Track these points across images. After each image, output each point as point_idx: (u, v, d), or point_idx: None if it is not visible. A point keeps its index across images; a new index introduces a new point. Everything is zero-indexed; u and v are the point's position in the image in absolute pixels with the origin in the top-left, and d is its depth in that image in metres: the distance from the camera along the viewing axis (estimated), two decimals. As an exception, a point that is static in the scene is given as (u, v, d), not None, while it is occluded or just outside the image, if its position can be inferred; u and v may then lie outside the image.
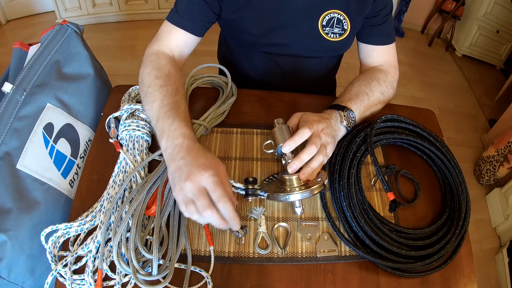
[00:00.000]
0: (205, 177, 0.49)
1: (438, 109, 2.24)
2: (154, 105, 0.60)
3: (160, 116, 0.59)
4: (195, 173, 0.49)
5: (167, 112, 0.59)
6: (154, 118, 0.60)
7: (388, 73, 0.78)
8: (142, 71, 0.67)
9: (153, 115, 0.60)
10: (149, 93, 0.62)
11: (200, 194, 0.49)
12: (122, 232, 0.53)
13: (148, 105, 0.62)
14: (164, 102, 0.60)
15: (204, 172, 0.49)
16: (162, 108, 0.59)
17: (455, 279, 0.59)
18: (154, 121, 0.60)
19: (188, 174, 0.50)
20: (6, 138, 0.60)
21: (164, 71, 0.65)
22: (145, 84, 0.64)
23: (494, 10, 2.34)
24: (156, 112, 0.59)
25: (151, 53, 0.70)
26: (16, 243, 0.55)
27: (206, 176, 0.49)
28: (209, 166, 0.50)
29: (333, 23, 0.74)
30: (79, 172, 0.70)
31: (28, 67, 0.67)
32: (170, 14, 0.72)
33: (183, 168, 0.51)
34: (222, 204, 0.49)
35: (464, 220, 0.62)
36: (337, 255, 0.59)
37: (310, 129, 0.59)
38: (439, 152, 0.69)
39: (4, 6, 2.37)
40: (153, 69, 0.66)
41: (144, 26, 2.48)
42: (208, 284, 0.54)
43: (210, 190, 0.49)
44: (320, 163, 0.59)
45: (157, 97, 0.61)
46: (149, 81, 0.64)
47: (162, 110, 0.59)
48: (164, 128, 0.57)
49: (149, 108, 0.62)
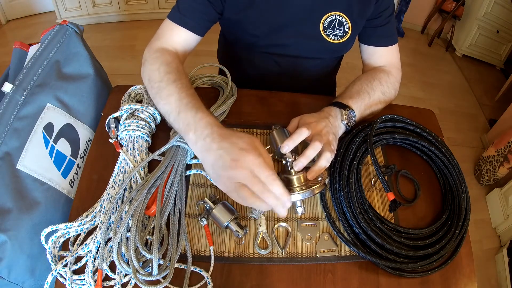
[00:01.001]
0: (251, 160, 0.49)
1: (438, 109, 2.24)
2: (171, 99, 0.60)
3: (181, 109, 0.58)
4: (240, 159, 0.49)
5: (188, 104, 0.58)
6: (174, 112, 0.59)
7: (390, 74, 0.78)
8: (148, 68, 0.67)
9: (172, 109, 0.59)
10: (162, 87, 0.62)
11: (254, 178, 0.49)
12: (122, 232, 0.53)
13: (163, 100, 0.61)
14: (182, 95, 0.59)
15: (248, 154, 0.49)
16: (181, 100, 0.59)
17: (455, 279, 0.59)
18: (175, 114, 0.58)
19: (234, 161, 0.49)
20: (6, 138, 0.60)
21: (173, 66, 0.65)
22: (156, 80, 0.63)
23: (494, 10, 2.35)
24: (176, 105, 0.59)
25: (154, 51, 0.69)
26: (16, 243, 0.55)
27: (252, 158, 0.49)
28: (249, 147, 0.50)
29: (334, 25, 0.74)
30: (79, 172, 0.70)
31: (28, 67, 0.67)
32: (171, 12, 0.72)
33: (225, 157, 0.50)
34: (274, 184, 0.49)
35: (464, 220, 0.62)
36: (337, 255, 0.59)
37: (308, 128, 0.59)
38: (439, 152, 0.69)
39: (4, 6, 2.36)
40: (162, 65, 0.65)
41: (144, 26, 2.48)
42: (208, 284, 0.54)
43: (259, 172, 0.49)
44: (328, 161, 0.58)
45: (173, 90, 0.60)
46: (160, 77, 0.63)
47: (182, 102, 0.58)
48: (189, 121, 0.56)
49: (165, 102, 0.61)
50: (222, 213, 0.57)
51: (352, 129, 0.69)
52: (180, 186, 0.61)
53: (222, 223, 0.57)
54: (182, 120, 0.57)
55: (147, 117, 0.67)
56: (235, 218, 0.58)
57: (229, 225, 0.57)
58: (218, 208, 0.57)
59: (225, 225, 0.57)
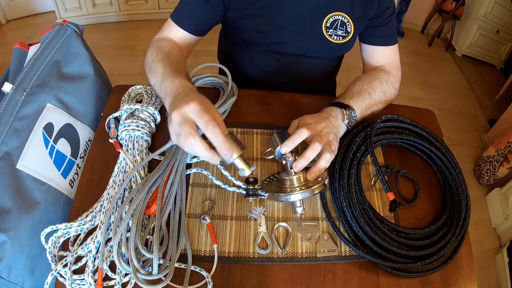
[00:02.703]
0: (190, 107, 0.50)
1: (438, 109, 2.24)
2: (157, 73, 0.64)
3: (163, 78, 0.61)
4: (181, 105, 0.51)
5: (169, 73, 0.61)
6: (158, 83, 0.62)
7: (390, 74, 0.78)
8: (147, 53, 0.71)
9: (157, 81, 0.63)
10: (153, 66, 0.66)
11: (184, 122, 0.50)
12: (122, 232, 0.53)
13: (152, 75, 0.65)
14: (166, 68, 0.63)
15: (190, 102, 0.50)
16: (165, 72, 0.62)
17: (455, 279, 0.59)
18: (158, 85, 0.62)
19: (175, 106, 0.51)
20: (6, 138, 0.60)
21: (165, 50, 0.69)
22: (149, 60, 0.68)
23: (494, 10, 2.35)
24: (160, 77, 0.62)
25: (154, 41, 0.74)
26: (16, 243, 0.55)
27: (192, 105, 0.50)
28: (194, 98, 0.51)
29: (337, 25, 0.75)
30: (79, 172, 0.70)
31: (28, 67, 0.67)
32: (174, 12, 0.75)
33: (172, 103, 0.54)
34: (210, 128, 0.49)
35: (464, 220, 0.62)
36: (337, 255, 0.59)
37: (308, 129, 0.59)
38: (439, 152, 0.69)
39: (4, 6, 2.36)
40: (155, 49, 0.70)
41: (144, 26, 2.48)
42: (208, 284, 0.54)
43: (196, 118, 0.50)
44: (328, 162, 0.59)
45: (159, 66, 0.64)
46: (152, 58, 0.68)
47: (165, 73, 0.62)
48: (167, 86, 0.59)
49: (153, 77, 0.65)
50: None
51: (352, 129, 0.69)
52: (180, 185, 0.61)
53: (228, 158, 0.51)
54: (163, 88, 0.60)
55: (147, 117, 0.67)
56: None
57: (235, 162, 0.52)
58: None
59: (230, 161, 0.52)
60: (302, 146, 0.65)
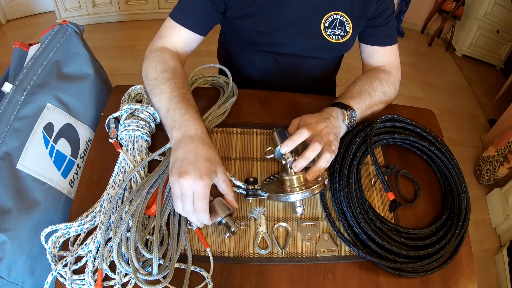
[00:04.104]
0: (197, 186, 0.51)
1: (438, 109, 2.24)
2: (163, 97, 0.62)
3: (171, 107, 0.60)
4: (190, 177, 0.51)
5: (178, 103, 0.60)
6: (164, 109, 0.61)
7: (390, 74, 0.78)
8: (147, 66, 0.69)
9: (162, 106, 0.62)
10: (157, 85, 0.64)
11: (187, 198, 0.52)
12: (122, 232, 0.53)
13: (156, 97, 0.64)
14: (173, 94, 0.62)
15: (199, 180, 0.51)
16: (172, 99, 0.61)
17: (455, 279, 0.59)
18: (164, 111, 0.61)
19: (185, 172, 0.52)
20: (6, 138, 0.60)
21: (170, 65, 0.67)
22: (151, 77, 0.66)
23: (494, 10, 2.35)
24: (166, 103, 0.61)
25: (155, 49, 0.71)
26: (16, 243, 0.55)
27: (199, 185, 0.51)
28: (205, 173, 0.52)
29: (335, 24, 0.75)
30: (79, 172, 0.70)
31: (28, 67, 0.67)
32: (173, 11, 0.72)
33: (183, 163, 0.53)
34: (199, 216, 0.53)
35: (464, 220, 0.62)
36: (337, 255, 0.59)
37: (308, 129, 0.59)
38: (439, 152, 0.69)
39: (4, 6, 2.36)
40: (159, 64, 0.67)
41: (144, 26, 2.48)
42: (208, 284, 0.54)
43: (195, 199, 0.52)
44: (328, 162, 0.59)
45: (166, 89, 0.63)
46: (156, 75, 0.65)
47: (173, 101, 0.61)
48: (176, 118, 0.59)
49: (157, 99, 0.63)
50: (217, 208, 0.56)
51: (352, 129, 0.69)
52: (180, 186, 0.61)
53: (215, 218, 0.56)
54: (170, 117, 0.60)
55: (147, 117, 0.67)
56: (230, 215, 0.57)
57: (222, 221, 0.56)
58: (213, 203, 0.57)
59: (218, 221, 0.56)
60: (302, 146, 0.65)
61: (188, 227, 0.59)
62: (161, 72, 0.65)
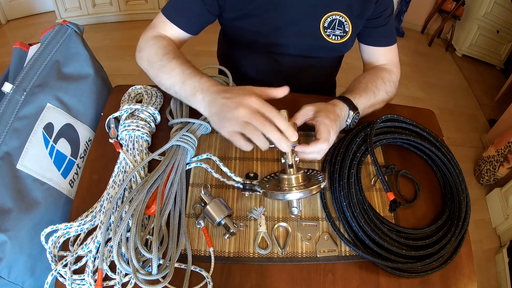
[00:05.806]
0: (254, 101, 0.53)
1: (438, 109, 2.24)
2: (174, 72, 0.64)
3: (185, 78, 0.62)
4: (243, 101, 0.53)
5: (190, 73, 0.62)
6: (179, 82, 0.63)
7: (392, 72, 0.79)
8: (146, 53, 0.70)
9: (176, 80, 0.63)
10: (163, 65, 0.66)
11: (256, 113, 0.53)
12: (122, 232, 0.53)
13: (166, 74, 0.65)
14: (184, 67, 0.64)
15: (251, 97, 0.54)
16: (184, 71, 0.63)
17: (455, 279, 0.59)
18: (179, 84, 0.62)
19: (238, 103, 0.54)
20: (6, 138, 0.60)
21: (169, 48, 0.69)
22: (155, 61, 0.67)
23: (494, 10, 2.35)
24: (180, 77, 0.63)
25: (149, 39, 0.72)
26: (16, 243, 0.55)
27: (254, 100, 0.53)
28: (249, 93, 0.55)
29: (334, 25, 0.75)
30: (79, 172, 0.70)
31: (28, 67, 0.67)
32: (166, 7, 0.73)
33: (229, 103, 0.55)
34: (277, 117, 0.54)
35: (464, 220, 0.62)
36: (337, 255, 0.59)
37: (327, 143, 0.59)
38: (439, 152, 0.69)
39: (4, 6, 2.36)
40: (159, 49, 0.69)
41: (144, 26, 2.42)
42: (208, 284, 0.54)
43: (262, 109, 0.54)
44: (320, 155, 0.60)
45: (174, 66, 0.64)
46: (159, 58, 0.67)
47: (185, 73, 0.63)
48: (195, 84, 0.60)
49: (168, 77, 0.65)
50: (216, 209, 0.57)
51: (352, 129, 0.69)
52: (180, 185, 0.61)
53: (214, 219, 0.57)
54: (188, 86, 0.61)
55: (147, 117, 0.67)
56: (229, 216, 0.57)
57: (222, 222, 0.57)
58: (212, 204, 0.57)
59: (217, 222, 0.57)
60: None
61: (196, 226, 0.59)
62: (163, 55, 0.67)
